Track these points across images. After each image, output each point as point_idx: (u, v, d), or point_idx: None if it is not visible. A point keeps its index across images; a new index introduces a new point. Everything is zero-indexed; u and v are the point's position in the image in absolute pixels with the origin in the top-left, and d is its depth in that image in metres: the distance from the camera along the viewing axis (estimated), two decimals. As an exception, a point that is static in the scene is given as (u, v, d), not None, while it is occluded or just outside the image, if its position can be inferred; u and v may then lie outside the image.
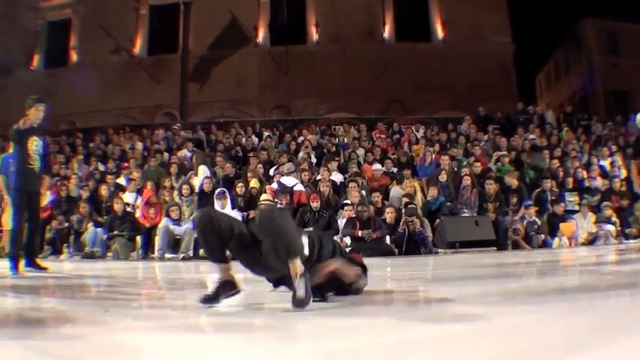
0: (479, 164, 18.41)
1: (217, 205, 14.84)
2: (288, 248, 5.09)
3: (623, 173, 18.67)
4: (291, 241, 5.16)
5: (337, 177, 17.72)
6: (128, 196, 17.06)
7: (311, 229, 13.42)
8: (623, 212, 16.71)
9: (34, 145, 10.03)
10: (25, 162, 9.91)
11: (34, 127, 10.12)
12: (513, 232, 15.35)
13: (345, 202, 15.46)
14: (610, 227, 15.94)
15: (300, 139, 21.76)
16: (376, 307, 5.40)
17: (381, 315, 4.99)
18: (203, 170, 18.06)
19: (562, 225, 15.93)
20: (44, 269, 10.08)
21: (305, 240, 5.46)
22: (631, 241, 15.63)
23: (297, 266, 5.03)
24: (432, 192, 16.43)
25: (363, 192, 16.18)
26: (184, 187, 16.34)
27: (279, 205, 14.77)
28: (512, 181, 17.07)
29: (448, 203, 16.40)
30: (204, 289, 8.52)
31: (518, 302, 5.47)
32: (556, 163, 19.19)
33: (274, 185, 16.29)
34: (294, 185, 16.27)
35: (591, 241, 15.74)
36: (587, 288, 6.64)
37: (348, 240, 14.19)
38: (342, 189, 16.70)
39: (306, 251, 5.35)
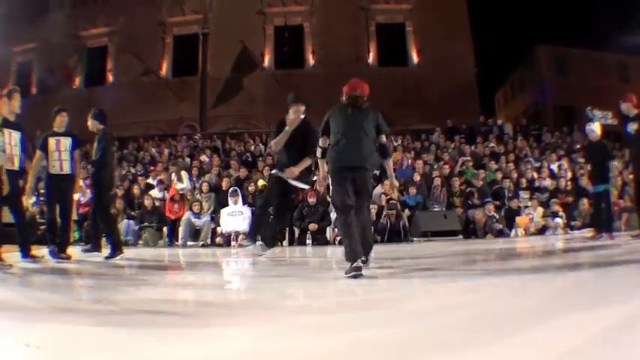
0: (447, 167, 18.61)
1: (230, 202, 14.91)
2: None
3: (569, 175, 18.79)
4: None
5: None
6: (156, 191, 17.15)
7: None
8: (568, 207, 16.80)
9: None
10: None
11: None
12: (494, 222, 15.58)
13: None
14: (558, 220, 16.06)
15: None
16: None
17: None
18: (186, 176, 18.09)
19: (518, 218, 16.08)
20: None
21: None
22: (575, 231, 15.73)
23: None
24: (412, 191, 16.61)
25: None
26: (204, 185, 16.39)
27: None
28: (478, 182, 17.18)
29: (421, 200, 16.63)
30: (220, 270, 8.56)
31: (483, 279, 5.55)
32: (511, 166, 19.35)
33: None
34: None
35: (541, 231, 15.84)
36: (538, 269, 6.72)
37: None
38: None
39: None
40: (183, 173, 18.05)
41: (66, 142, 9.13)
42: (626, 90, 13.54)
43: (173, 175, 17.96)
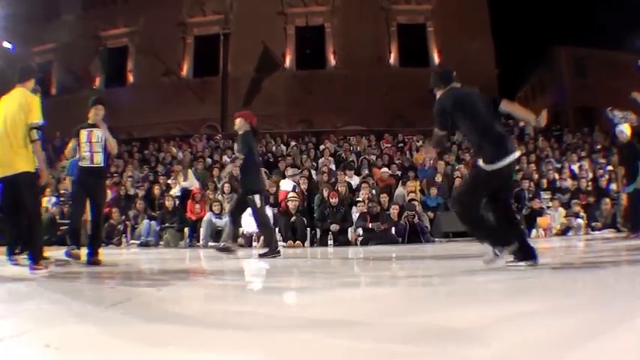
0: (465, 168, 18.54)
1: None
2: None
3: (590, 175, 18.70)
4: None
5: (353, 179, 17.68)
6: (176, 191, 17.22)
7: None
8: (589, 208, 16.70)
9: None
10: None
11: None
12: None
13: (358, 199, 15.46)
14: (580, 221, 15.96)
15: (321, 147, 21.74)
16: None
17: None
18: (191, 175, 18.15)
19: (539, 219, 15.95)
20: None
21: None
22: (596, 232, 15.63)
23: None
24: (433, 191, 16.54)
25: (373, 191, 16.17)
26: (225, 186, 16.34)
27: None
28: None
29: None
30: (242, 272, 8.52)
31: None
32: (533, 167, 19.25)
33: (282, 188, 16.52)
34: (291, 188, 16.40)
35: (563, 231, 15.75)
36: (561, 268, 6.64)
37: (360, 231, 14.22)
38: (357, 189, 16.64)
39: None
40: (190, 172, 18.10)
41: (98, 133, 8.81)
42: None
43: (179, 174, 18.00)
